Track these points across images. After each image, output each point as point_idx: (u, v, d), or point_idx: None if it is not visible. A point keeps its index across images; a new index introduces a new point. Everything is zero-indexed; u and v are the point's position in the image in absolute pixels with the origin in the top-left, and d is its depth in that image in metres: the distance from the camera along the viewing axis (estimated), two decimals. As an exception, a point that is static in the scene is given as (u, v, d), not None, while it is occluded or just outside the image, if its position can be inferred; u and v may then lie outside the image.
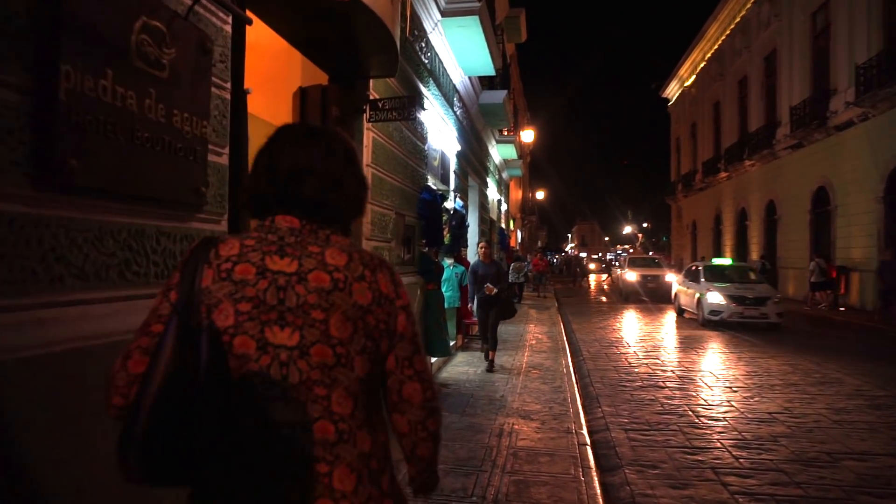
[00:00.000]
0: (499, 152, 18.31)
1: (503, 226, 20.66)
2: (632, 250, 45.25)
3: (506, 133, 17.25)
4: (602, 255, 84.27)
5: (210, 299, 1.05)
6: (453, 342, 8.27)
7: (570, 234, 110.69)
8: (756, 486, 4.08)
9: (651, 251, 55.46)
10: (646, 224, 68.99)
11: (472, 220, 12.97)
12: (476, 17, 7.32)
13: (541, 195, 47.87)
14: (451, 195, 9.11)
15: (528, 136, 22.56)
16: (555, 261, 49.66)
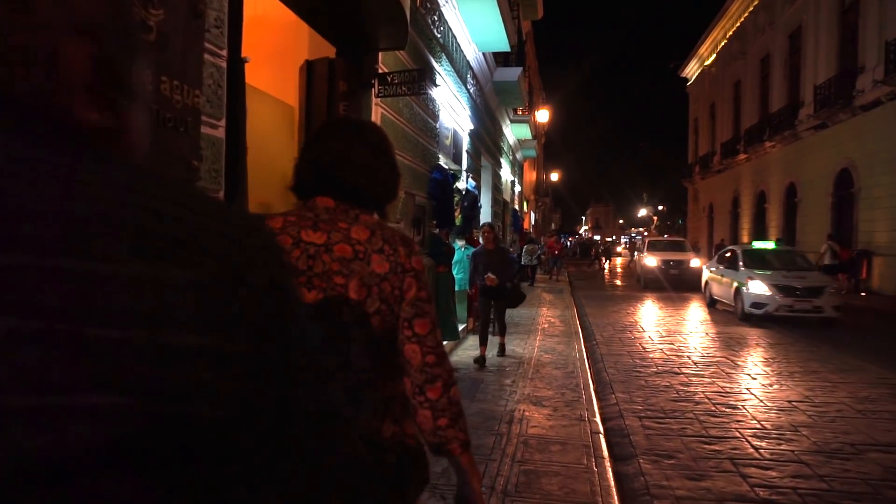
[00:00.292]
0: (513, 132, 18.00)
1: (516, 207, 20.41)
2: (646, 233, 44.74)
3: (520, 112, 16.93)
4: (616, 237, 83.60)
5: None
6: (464, 325, 8.14)
7: (584, 217, 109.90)
8: (777, 479, 3.91)
9: (666, 234, 54.81)
10: (661, 207, 68.17)
11: (485, 202, 12.77)
12: (490, -10, 7.06)
13: (555, 177, 47.35)
14: (463, 175, 8.91)
15: (542, 115, 22.16)
16: (568, 243, 49.30)
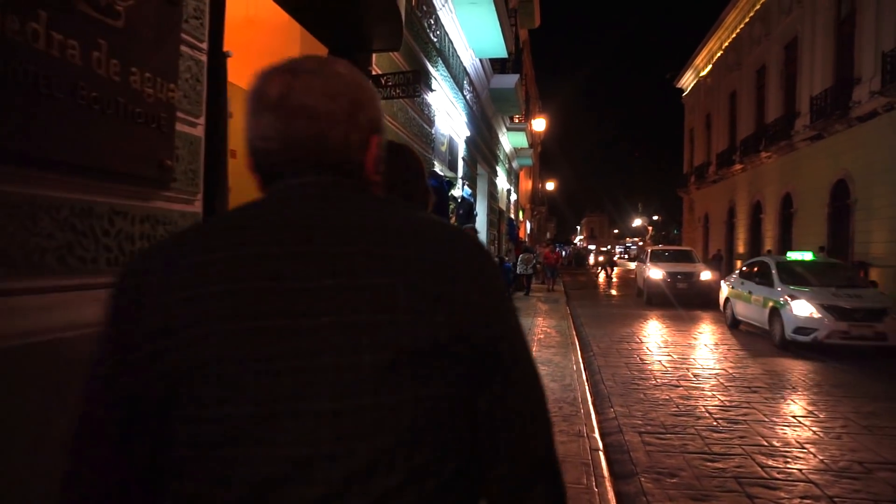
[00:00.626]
0: (509, 140, 17.90)
1: (512, 216, 20.29)
2: (641, 243, 44.72)
3: (517, 120, 16.84)
4: (612, 247, 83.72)
5: None
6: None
7: (578, 226, 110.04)
8: (785, 500, 3.74)
9: (661, 244, 54.80)
10: (656, 217, 68.29)
11: (481, 210, 12.61)
12: (488, -6, 6.94)
13: (551, 186, 47.35)
14: (458, 182, 8.76)
15: (539, 124, 22.09)
16: (564, 252, 49.26)
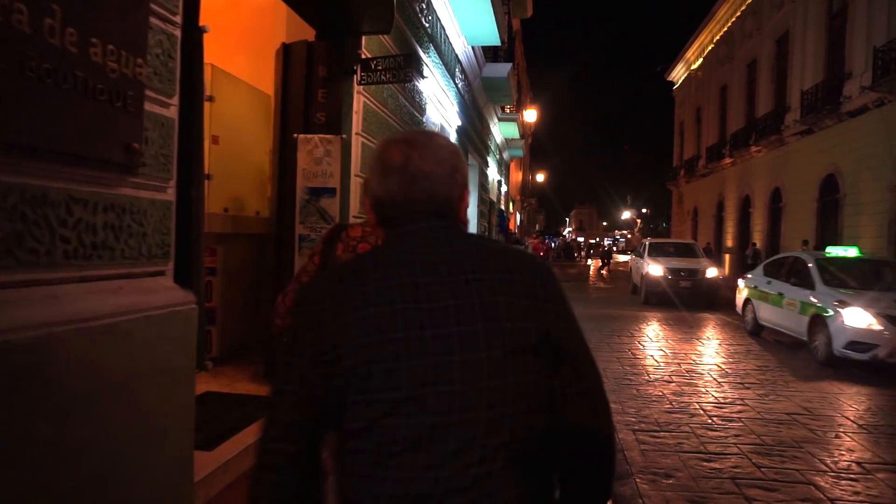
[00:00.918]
0: (500, 131, 17.71)
1: (503, 208, 20.14)
2: (630, 236, 44.73)
3: (508, 111, 16.65)
4: (600, 239, 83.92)
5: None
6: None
7: (567, 219, 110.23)
8: (785, 502, 3.64)
9: (649, 237, 54.87)
10: (645, 210, 68.46)
11: (472, 201, 12.44)
12: (481, -21, 6.73)
13: (541, 178, 47.22)
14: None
15: (530, 115, 21.91)
16: (553, 244, 49.23)
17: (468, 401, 0.93)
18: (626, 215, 72.90)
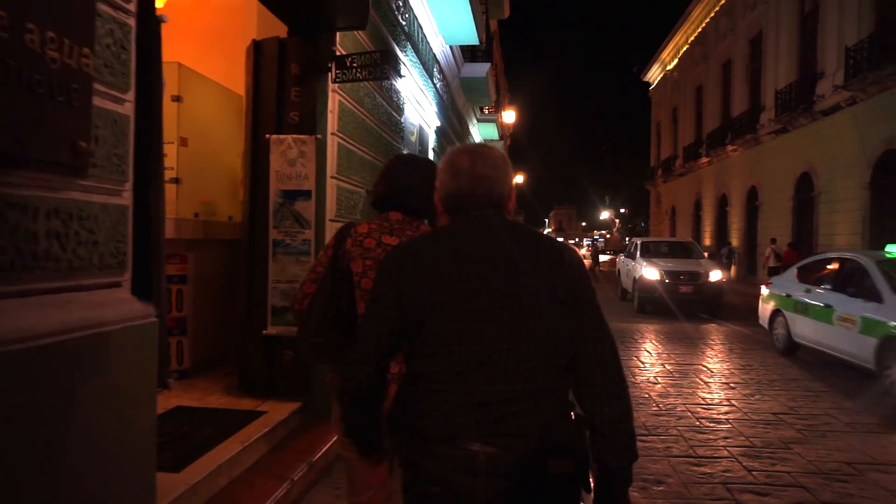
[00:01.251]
0: (479, 132, 17.61)
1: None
2: (608, 235, 44.92)
3: (487, 111, 16.56)
4: (580, 239, 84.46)
5: (349, 256, 1.87)
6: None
7: (547, 219, 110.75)
8: (780, 508, 3.53)
9: (628, 237, 55.18)
10: (623, 209, 69.07)
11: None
12: (459, -23, 6.60)
13: (519, 179, 47.28)
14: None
15: (509, 116, 21.86)
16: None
17: (513, 335, 1.26)
18: (605, 215, 73.49)
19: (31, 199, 1.63)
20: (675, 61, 33.52)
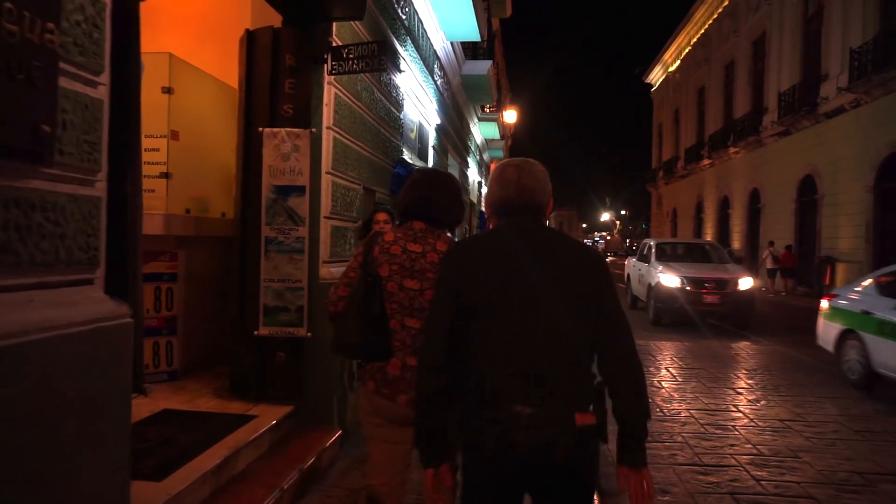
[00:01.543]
0: (480, 131, 17.45)
1: (483, 210, 19.88)
2: (609, 237, 44.67)
3: (488, 110, 16.41)
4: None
5: (377, 262, 2.06)
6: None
7: (547, 221, 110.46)
8: (790, 522, 3.35)
9: (629, 239, 54.92)
10: (624, 211, 68.93)
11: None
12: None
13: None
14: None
15: (510, 116, 21.71)
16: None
17: (549, 320, 1.55)
18: (606, 217, 73.36)
19: (-15, 187, 1.48)
20: (678, 63, 33.38)
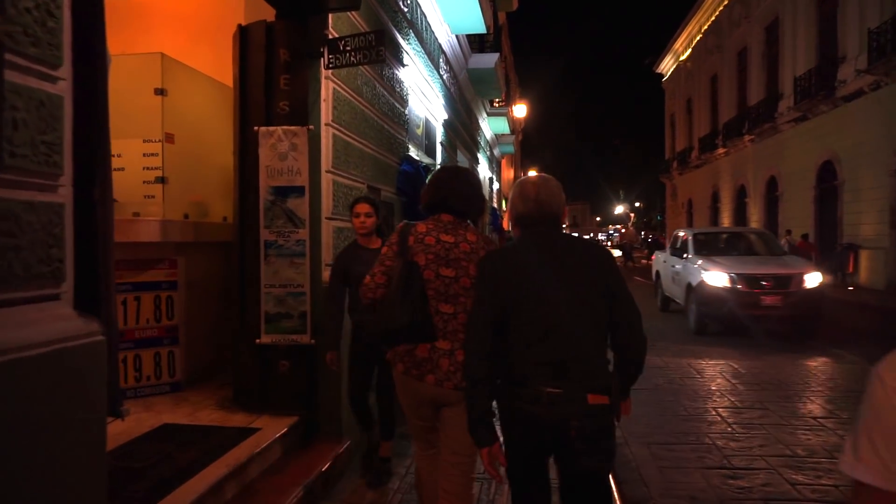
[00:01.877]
0: (490, 126, 17.21)
1: (495, 206, 19.64)
2: (623, 230, 44.01)
3: (497, 104, 16.15)
4: (594, 234, 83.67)
5: (412, 251, 2.28)
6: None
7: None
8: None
9: (644, 231, 54.13)
10: (638, 203, 68.18)
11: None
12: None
13: (533, 174, 46.69)
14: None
15: (520, 110, 21.42)
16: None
17: (570, 315, 1.90)
18: (620, 210, 72.60)
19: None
20: (689, 51, 32.84)
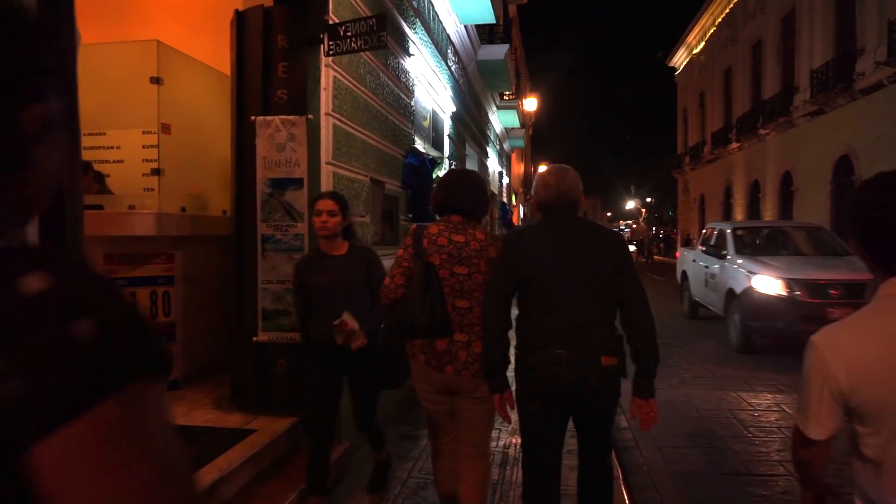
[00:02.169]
0: (500, 119, 16.98)
1: (504, 200, 19.44)
2: (635, 226, 43.52)
3: (507, 97, 15.92)
4: (636, 224, 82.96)
5: (426, 252, 2.45)
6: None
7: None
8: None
9: (655, 227, 53.59)
10: (649, 199, 67.56)
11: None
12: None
13: (543, 169, 46.33)
14: (445, 163, 7.89)
15: (530, 104, 21.16)
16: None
17: (583, 288, 2.26)
18: (631, 205, 72.02)
19: None
20: (702, 45, 32.34)
